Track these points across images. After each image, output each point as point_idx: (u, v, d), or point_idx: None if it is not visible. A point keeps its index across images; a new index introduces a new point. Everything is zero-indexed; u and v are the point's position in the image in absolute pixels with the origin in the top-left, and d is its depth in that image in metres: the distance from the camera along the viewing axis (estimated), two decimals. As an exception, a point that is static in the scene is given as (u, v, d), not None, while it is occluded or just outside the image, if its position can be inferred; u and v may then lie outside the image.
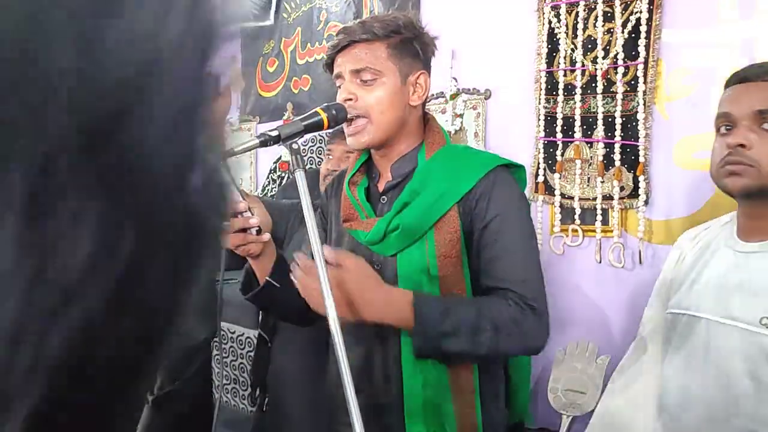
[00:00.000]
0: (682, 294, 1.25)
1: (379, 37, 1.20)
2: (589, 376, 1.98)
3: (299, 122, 1.09)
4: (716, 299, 1.16)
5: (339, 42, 1.23)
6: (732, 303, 1.13)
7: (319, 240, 1.01)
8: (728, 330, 1.12)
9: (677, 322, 1.23)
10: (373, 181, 1.30)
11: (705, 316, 1.17)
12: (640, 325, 1.39)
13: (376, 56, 1.20)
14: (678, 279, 1.28)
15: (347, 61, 1.21)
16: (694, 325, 1.19)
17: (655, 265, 1.98)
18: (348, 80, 1.22)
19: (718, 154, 1.19)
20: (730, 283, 1.15)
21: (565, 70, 2.13)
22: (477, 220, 1.18)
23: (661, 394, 1.24)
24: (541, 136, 2.19)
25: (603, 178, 2.06)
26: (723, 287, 1.16)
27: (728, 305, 1.13)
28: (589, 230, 2.11)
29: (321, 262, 1.00)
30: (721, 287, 1.16)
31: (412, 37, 1.24)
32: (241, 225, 1.10)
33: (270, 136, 1.06)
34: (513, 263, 1.16)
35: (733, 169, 1.15)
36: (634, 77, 2.00)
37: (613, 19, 2.03)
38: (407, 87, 1.23)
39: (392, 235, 1.20)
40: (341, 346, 0.95)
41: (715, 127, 1.21)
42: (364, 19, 1.25)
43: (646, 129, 1.98)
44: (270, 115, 3.26)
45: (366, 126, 1.20)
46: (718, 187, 1.22)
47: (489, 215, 1.18)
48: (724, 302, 1.14)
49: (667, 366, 1.24)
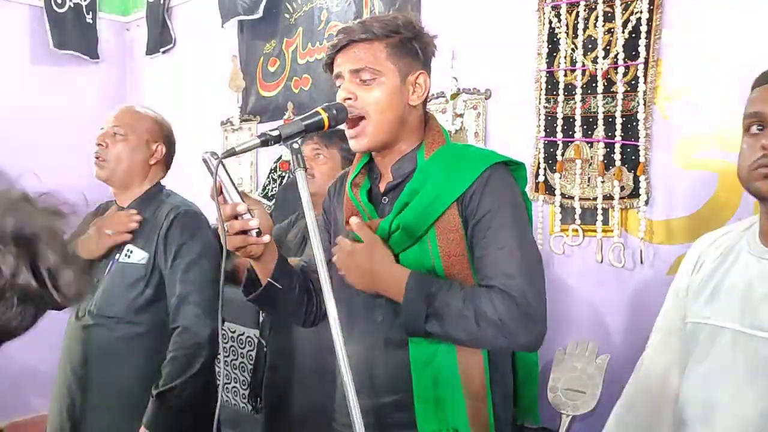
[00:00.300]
0: (702, 303, 1.18)
1: (379, 36, 1.20)
2: (588, 376, 1.99)
3: (300, 122, 1.09)
4: (742, 309, 1.10)
5: (338, 42, 1.22)
6: (761, 313, 1.07)
7: (320, 240, 1.01)
8: (758, 341, 1.06)
9: (698, 333, 1.16)
10: (375, 182, 1.30)
11: (731, 327, 1.10)
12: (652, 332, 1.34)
13: (376, 56, 1.20)
14: (697, 287, 1.21)
15: (346, 60, 1.21)
16: (718, 336, 1.12)
17: (656, 265, 1.99)
18: (347, 80, 1.21)
19: (748, 156, 1.10)
20: (757, 293, 1.08)
21: (566, 70, 2.14)
22: (470, 217, 1.18)
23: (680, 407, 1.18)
24: (542, 136, 2.19)
25: (603, 178, 2.06)
26: (749, 297, 1.09)
27: (756, 315, 1.07)
28: (590, 230, 2.11)
29: (321, 261, 1.00)
30: (746, 297, 1.10)
31: (412, 36, 1.23)
32: (241, 227, 1.10)
33: (271, 136, 1.06)
34: (499, 260, 1.14)
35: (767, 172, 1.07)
36: (635, 77, 2.00)
37: (614, 19, 2.03)
38: (407, 87, 1.23)
39: (394, 236, 1.20)
40: (342, 346, 0.95)
41: (743, 127, 1.12)
42: (364, 19, 1.25)
43: (647, 129, 1.98)
44: (270, 115, 3.26)
45: (365, 127, 1.20)
46: (747, 190, 1.13)
47: (480, 212, 1.17)
48: (751, 312, 1.08)
49: (687, 378, 1.17)
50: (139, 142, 1.83)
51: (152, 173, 1.88)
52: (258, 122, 3.34)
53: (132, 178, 1.84)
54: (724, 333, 1.11)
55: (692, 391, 1.15)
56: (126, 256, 1.78)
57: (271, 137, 1.06)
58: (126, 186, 1.85)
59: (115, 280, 1.77)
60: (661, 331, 1.30)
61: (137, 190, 1.86)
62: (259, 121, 3.34)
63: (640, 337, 1.97)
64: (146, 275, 1.75)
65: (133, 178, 1.84)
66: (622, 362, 1.99)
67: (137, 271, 1.75)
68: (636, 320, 2.03)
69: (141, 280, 1.75)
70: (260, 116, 3.33)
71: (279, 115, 3.20)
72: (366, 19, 1.24)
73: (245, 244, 1.12)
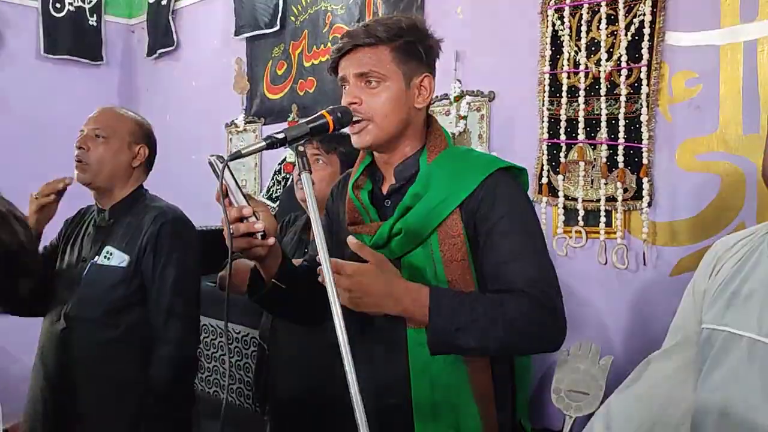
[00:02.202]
0: (719, 309, 1.13)
1: (383, 41, 1.20)
2: (592, 377, 1.99)
3: (305, 125, 1.10)
4: (760, 317, 1.05)
5: (343, 46, 1.23)
6: None
7: (326, 242, 1.02)
8: None
9: (714, 340, 1.11)
10: (377, 185, 1.30)
11: (747, 335, 1.05)
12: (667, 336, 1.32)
13: (380, 60, 1.20)
14: (714, 292, 1.16)
15: (351, 65, 1.22)
16: (734, 344, 1.07)
17: (659, 266, 1.99)
18: (352, 84, 1.22)
19: None
20: None
21: (569, 73, 2.14)
22: (482, 223, 1.17)
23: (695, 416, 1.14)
24: (545, 138, 2.20)
25: (606, 180, 2.06)
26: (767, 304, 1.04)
27: None
28: (593, 232, 2.11)
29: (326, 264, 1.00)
30: (765, 304, 1.05)
31: (416, 40, 1.23)
32: (246, 230, 1.10)
33: (276, 138, 1.06)
34: (523, 265, 1.14)
35: None
36: (638, 79, 2.01)
37: (617, 22, 2.04)
38: (411, 90, 1.23)
39: (396, 239, 1.20)
40: (347, 348, 0.95)
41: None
42: (368, 23, 1.24)
43: (650, 131, 1.99)
44: (275, 117, 3.28)
45: (369, 126, 1.21)
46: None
47: (494, 217, 1.17)
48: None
49: (701, 385, 1.13)
50: (121, 144, 1.79)
51: (134, 176, 1.84)
52: (262, 124, 3.35)
53: (114, 181, 1.80)
54: (741, 341, 1.07)
55: (706, 400, 1.12)
56: (105, 258, 1.74)
57: (277, 140, 1.06)
58: (108, 189, 1.81)
59: (93, 282, 1.73)
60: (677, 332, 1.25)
61: (119, 193, 1.82)
62: (263, 123, 3.35)
63: (643, 338, 1.99)
64: (126, 279, 1.72)
65: (115, 181, 1.80)
66: (625, 363, 1.99)
67: (117, 275, 1.72)
68: (639, 322, 2.03)
69: (121, 284, 1.71)
70: (265, 118, 3.34)
71: (283, 117, 3.21)
72: (370, 23, 1.23)
73: (250, 246, 1.12)
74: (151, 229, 1.73)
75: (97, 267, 1.74)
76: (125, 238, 1.75)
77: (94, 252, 1.77)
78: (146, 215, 1.77)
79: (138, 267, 1.72)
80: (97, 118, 1.82)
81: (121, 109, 1.89)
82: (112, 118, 1.82)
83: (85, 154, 1.77)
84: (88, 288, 1.73)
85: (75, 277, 1.77)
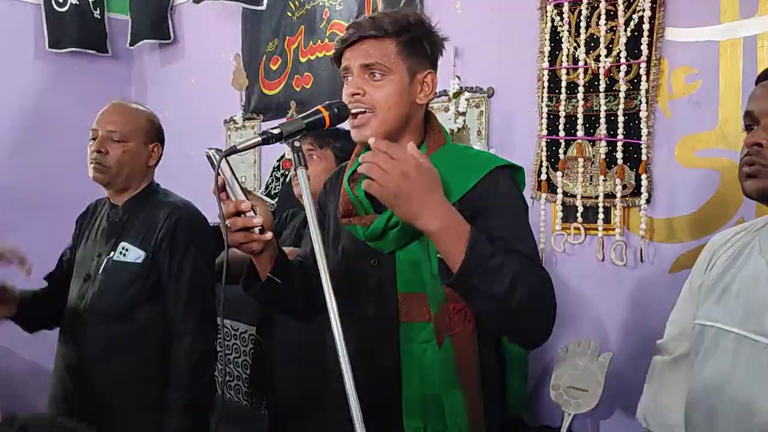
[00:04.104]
0: (710, 304, 1.14)
1: (390, 34, 1.20)
2: (590, 374, 1.99)
3: (301, 120, 1.10)
4: (746, 313, 1.06)
5: (349, 36, 1.22)
6: (764, 318, 1.02)
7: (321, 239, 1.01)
8: (759, 348, 1.02)
9: (705, 335, 1.13)
10: None
11: (735, 331, 1.06)
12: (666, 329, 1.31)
13: (386, 53, 1.20)
14: (707, 287, 1.17)
15: (356, 56, 1.21)
16: (722, 339, 1.08)
17: (657, 263, 1.99)
18: (356, 75, 1.21)
19: (741, 155, 1.09)
20: (762, 296, 1.04)
21: (568, 69, 2.14)
22: (480, 219, 1.17)
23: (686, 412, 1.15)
24: (544, 135, 2.19)
25: (605, 176, 2.06)
26: (754, 300, 1.05)
27: (760, 320, 1.03)
28: (592, 228, 2.11)
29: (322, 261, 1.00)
30: (752, 300, 1.06)
31: (422, 35, 1.23)
32: (244, 224, 1.10)
33: (272, 134, 1.06)
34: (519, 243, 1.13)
35: (748, 171, 1.05)
36: (637, 75, 2.00)
37: (616, 18, 2.03)
38: (414, 85, 1.23)
39: (392, 232, 1.20)
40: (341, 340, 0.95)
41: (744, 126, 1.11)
42: (375, 15, 1.24)
43: (649, 127, 1.98)
44: (274, 113, 3.27)
45: (370, 119, 1.20)
46: None
47: (493, 214, 1.17)
48: (755, 316, 1.04)
49: (693, 380, 1.15)
50: (138, 145, 1.81)
51: (149, 173, 1.88)
52: (261, 120, 3.35)
53: (131, 181, 1.83)
54: (728, 337, 1.08)
55: (696, 395, 1.13)
56: (121, 254, 1.76)
57: (273, 135, 1.06)
58: (124, 188, 1.84)
59: (110, 278, 1.75)
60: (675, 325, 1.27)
61: (133, 190, 1.85)
62: (262, 119, 3.34)
63: (642, 335, 1.99)
64: (143, 275, 1.74)
65: (132, 181, 1.83)
66: (623, 360, 1.99)
67: (133, 271, 1.74)
68: (637, 318, 2.03)
69: (138, 279, 1.74)
70: (263, 114, 3.34)
71: (282, 113, 3.20)
72: (377, 15, 1.24)
73: (247, 241, 1.12)
74: (166, 224, 1.76)
75: (113, 263, 1.76)
76: (140, 233, 1.77)
77: (109, 247, 1.79)
78: (160, 210, 1.79)
79: (154, 262, 1.75)
80: (112, 118, 1.81)
81: (133, 105, 1.89)
82: (128, 118, 1.83)
83: (103, 158, 1.78)
84: (105, 283, 1.75)
85: (92, 273, 1.79)
